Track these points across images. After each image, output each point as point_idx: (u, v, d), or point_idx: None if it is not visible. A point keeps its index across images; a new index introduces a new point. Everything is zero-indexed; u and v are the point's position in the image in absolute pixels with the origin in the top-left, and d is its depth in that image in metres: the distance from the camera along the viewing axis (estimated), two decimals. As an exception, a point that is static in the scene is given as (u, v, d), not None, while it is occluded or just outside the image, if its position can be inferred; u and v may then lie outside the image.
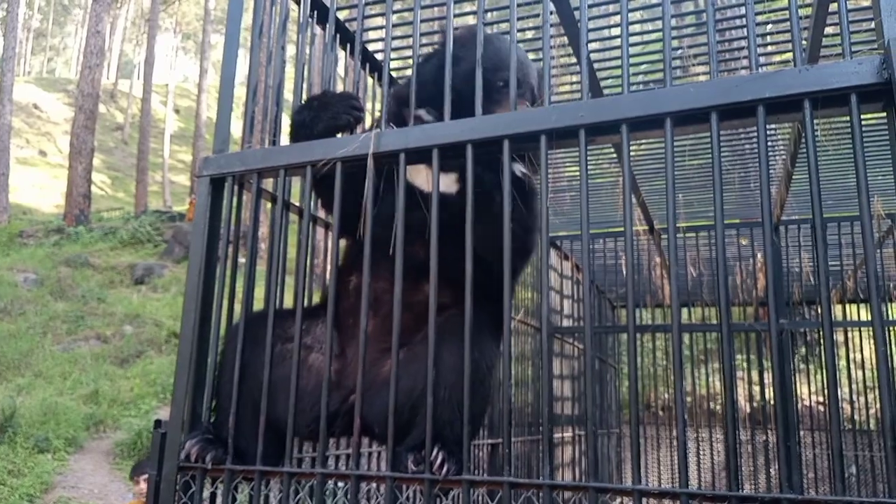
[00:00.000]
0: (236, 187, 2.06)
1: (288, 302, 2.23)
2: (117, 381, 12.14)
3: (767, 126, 1.54)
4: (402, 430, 1.69)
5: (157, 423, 2.03)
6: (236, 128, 2.54)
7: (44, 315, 14.58)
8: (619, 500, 4.42)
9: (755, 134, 1.57)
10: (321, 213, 2.58)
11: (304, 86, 2.38)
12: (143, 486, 4.49)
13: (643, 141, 4.53)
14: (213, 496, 1.91)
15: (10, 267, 17.20)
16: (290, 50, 3.42)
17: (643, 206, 4.82)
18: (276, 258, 2.04)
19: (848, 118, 1.45)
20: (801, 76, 1.48)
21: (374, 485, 2.39)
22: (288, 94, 2.31)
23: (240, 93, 2.28)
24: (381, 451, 2.72)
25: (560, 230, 5.83)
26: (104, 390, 11.55)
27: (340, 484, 2.19)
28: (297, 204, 2.35)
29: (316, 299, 2.34)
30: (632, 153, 4.76)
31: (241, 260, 2.08)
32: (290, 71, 2.52)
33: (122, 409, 11.12)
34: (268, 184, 2.11)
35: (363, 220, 1.83)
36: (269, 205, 2.15)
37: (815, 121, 1.55)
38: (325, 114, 1.98)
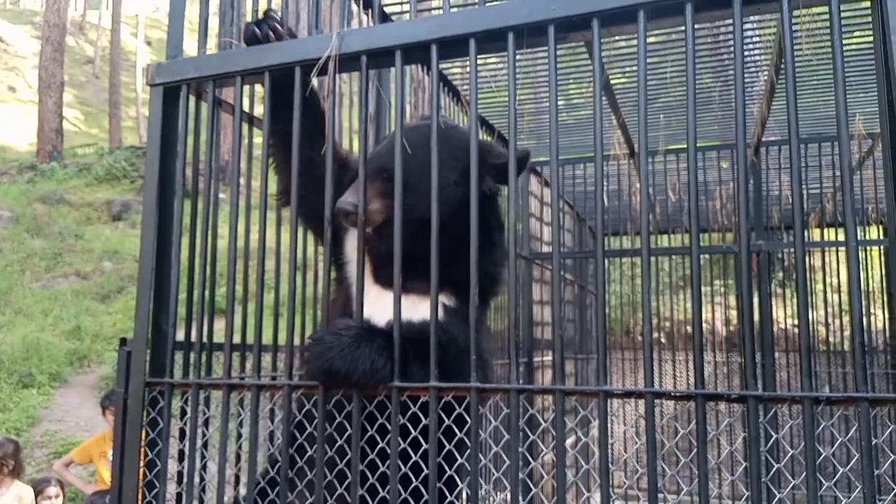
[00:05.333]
0: (192, 97, 1.96)
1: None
2: (99, 317, 12.09)
3: (744, 21, 1.47)
4: None
5: (123, 341, 1.99)
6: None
7: (21, 253, 14.37)
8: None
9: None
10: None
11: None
12: None
13: (626, 67, 4.40)
14: (182, 410, 1.90)
15: (-16, 205, 16.84)
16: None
17: (623, 128, 4.72)
18: (235, 178, 1.95)
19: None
20: (781, -39, 1.39)
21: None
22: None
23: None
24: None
25: (540, 155, 5.74)
26: (86, 326, 11.51)
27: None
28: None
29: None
30: (613, 82, 4.60)
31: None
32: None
33: (105, 344, 11.10)
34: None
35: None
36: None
37: (796, 27, 1.47)
38: None
